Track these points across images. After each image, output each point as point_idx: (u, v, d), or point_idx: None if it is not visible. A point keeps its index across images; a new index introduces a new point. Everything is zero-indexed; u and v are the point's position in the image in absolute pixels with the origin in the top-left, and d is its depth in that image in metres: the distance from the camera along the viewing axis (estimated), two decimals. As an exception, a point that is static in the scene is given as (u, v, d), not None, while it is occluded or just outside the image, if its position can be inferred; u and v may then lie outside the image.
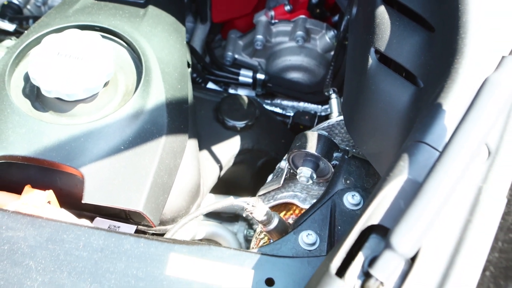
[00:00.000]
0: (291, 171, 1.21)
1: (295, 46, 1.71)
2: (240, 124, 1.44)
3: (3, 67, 1.16)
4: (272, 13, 1.75)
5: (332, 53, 1.69)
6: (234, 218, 1.57)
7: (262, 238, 1.23)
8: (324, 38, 1.69)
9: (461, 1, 0.93)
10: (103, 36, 1.22)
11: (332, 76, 1.55)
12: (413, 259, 0.72)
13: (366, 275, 0.72)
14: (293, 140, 1.20)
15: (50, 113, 1.13)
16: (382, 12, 1.09)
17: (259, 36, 1.70)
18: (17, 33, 1.60)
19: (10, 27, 1.60)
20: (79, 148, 1.07)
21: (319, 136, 1.16)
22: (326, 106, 1.68)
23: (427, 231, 0.69)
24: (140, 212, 1.04)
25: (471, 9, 0.92)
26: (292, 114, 1.68)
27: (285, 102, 1.71)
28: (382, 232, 0.76)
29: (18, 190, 1.10)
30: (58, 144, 1.07)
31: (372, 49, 1.06)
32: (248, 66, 1.73)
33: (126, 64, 1.21)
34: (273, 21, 1.74)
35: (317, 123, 1.62)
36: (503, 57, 0.73)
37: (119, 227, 1.17)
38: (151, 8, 1.33)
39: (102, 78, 1.10)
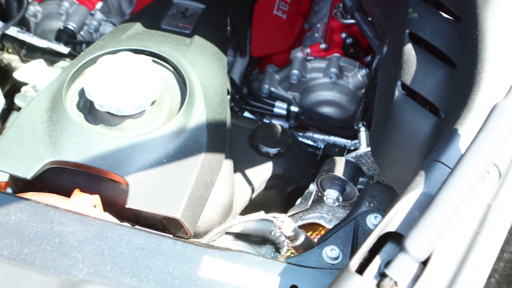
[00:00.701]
0: (319, 194, 1.30)
1: (329, 82, 1.81)
2: (272, 150, 1.54)
3: (61, 83, 1.28)
4: (308, 50, 1.86)
5: (363, 90, 1.78)
6: (262, 242, 1.65)
7: (288, 256, 1.31)
8: (356, 76, 1.79)
9: (480, 40, 1.02)
10: (153, 60, 1.34)
11: (363, 111, 1.64)
12: (424, 263, 0.80)
13: (382, 275, 0.80)
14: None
15: (101, 126, 1.24)
16: (409, 49, 1.18)
17: (295, 71, 1.80)
18: (70, 56, 1.74)
19: (65, 49, 1.74)
20: (126, 159, 1.17)
21: (347, 161, 1.25)
22: (356, 141, 1.77)
23: (438, 237, 0.77)
24: (177, 219, 1.13)
25: (489, 48, 1.01)
26: (322, 146, 1.77)
27: (316, 135, 1.81)
28: (397, 239, 0.84)
29: (66, 195, 1.20)
30: (107, 154, 1.18)
31: (399, 83, 1.14)
32: (283, 99, 1.84)
33: (172, 86, 1.32)
34: (308, 58, 1.85)
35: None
36: (511, 86, 0.82)
37: (156, 235, 1.26)
38: (196, 38, 1.45)
39: (150, 97, 1.21)
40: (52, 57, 1.77)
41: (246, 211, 1.54)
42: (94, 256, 1.01)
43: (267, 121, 1.81)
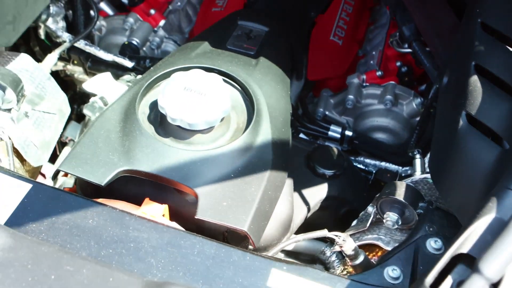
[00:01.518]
0: (377, 216, 1.33)
1: (383, 108, 1.85)
2: (329, 172, 1.57)
3: (134, 95, 1.34)
4: (364, 76, 1.90)
5: (417, 118, 1.82)
6: (311, 261, 1.68)
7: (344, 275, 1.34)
8: (411, 104, 1.83)
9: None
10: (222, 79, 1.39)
11: (417, 139, 1.68)
12: (496, 285, 0.83)
13: (454, 294, 0.83)
14: (381, 189, 1.32)
15: (171, 139, 1.29)
16: (475, 80, 1.21)
17: (351, 97, 1.85)
18: (135, 70, 1.81)
19: (129, 64, 1.82)
20: (195, 171, 1.22)
21: (407, 186, 1.28)
22: (407, 168, 1.80)
23: (510, 260, 0.80)
24: (244, 231, 1.18)
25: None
26: (374, 171, 1.80)
27: (368, 160, 1.84)
28: (468, 261, 0.87)
29: (133, 203, 1.25)
30: (178, 166, 1.23)
31: (464, 112, 1.17)
32: (337, 123, 1.88)
33: (239, 105, 1.37)
34: (364, 84, 1.89)
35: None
36: None
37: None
38: (262, 59, 1.51)
39: (220, 113, 1.26)
40: (116, 70, 1.84)
41: (299, 231, 1.58)
42: (168, 262, 1.05)
43: (322, 143, 1.85)
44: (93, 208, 1.12)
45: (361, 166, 1.82)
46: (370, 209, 1.38)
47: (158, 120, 1.33)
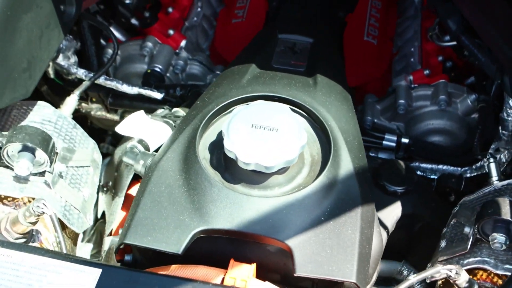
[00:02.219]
0: (476, 236, 1.19)
1: (437, 110, 1.70)
2: (400, 189, 1.42)
3: (189, 139, 1.17)
4: (411, 77, 1.75)
5: (473, 115, 1.68)
6: (385, 282, 1.53)
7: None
8: (466, 102, 1.68)
9: None
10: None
11: (480, 138, 1.54)
12: None
13: None
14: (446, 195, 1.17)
15: (242, 184, 1.13)
16: None
17: (402, 101, 1.69)
18: (165, 102, 1.63)
19: (158, 95, 1.63)
20: (282, 221, 1.06)
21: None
22: (466, 168, 1.66)
23: None
24: (354, 283, 1.02)
25: None
26: (433, 176, 1.66)
27: (423, 165, 1.69)
28: None
29: (210, 263, 1.09)
30: (261, 217, 1.07)
31: None
32: (388, 130, 1.73)
33: (308, 134, 1.21)
34: (413, 86, 1.74)
35: (464, 186, 1.59)
36: None
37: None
38: (320, 77, 1.35)
39: (298, 149, 1.10)
40: (141, 103, 1.66)
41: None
42: None
43: (373, 155, 1.70)
44: (178, 286, 0.95)
45: (418, 172, 1.67)
46: (467, 229, 1.23)
47: (223, 164, 1.16)
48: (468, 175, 1.66)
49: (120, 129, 1.40)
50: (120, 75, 1.82)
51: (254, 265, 1.07)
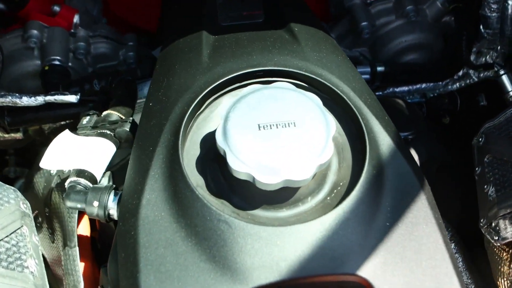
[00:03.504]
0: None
1: (405, 23, 1.42)
2: (410, 134, 1.16)
3: (172, 166, 0.82)
4: (364, -8, 1.45)
5: (445, 19, 1.43)
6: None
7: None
8: (435, 5, 1.41)
9: None
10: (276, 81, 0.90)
11: (467, 41, 1.30)
12: None
13: None
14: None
15: (264, 208, 0.81)
16: None
17: (364, 23, 1.39)
18: (83, 103, 1.23)
19: (72, 98, 1.21)
20: (342, 247, 0.76)
21: None
22: (447, 81, 1.42)
23: None
24: None
25: None
26: (416, 100, 1.42)
27: (398, 89, 1.43)
28: None
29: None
30: (314, 251, 0.76)
31: None
32: (354, 62, 1.43)
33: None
34: (368, 1, 1.44)
35: (460, 105, 1.36)
36: None
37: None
38: (295, 27, 1.02)
39: (331, 144, 0.79)
40: (51, 112, 1.25)
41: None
42: None
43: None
44: None
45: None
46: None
47: (228, 186, 0.83)
48: (450, 87, 1.42)
49: (45, 163, 1.01)
50: (7, 81, 1.36)
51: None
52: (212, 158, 0.85)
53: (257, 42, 0.97)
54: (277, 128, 0.79)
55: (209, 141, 0.86)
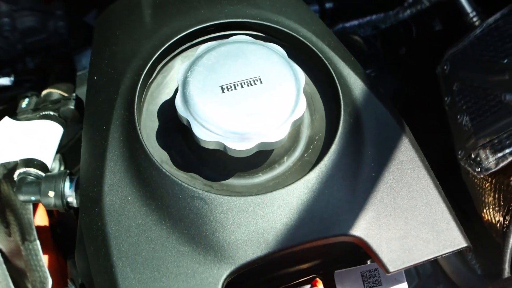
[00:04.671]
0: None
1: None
2: (372, 71, 1.10)
3: (132, 142, 0.74)
4: None
5: None
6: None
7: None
8: None
9: None
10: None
11: None
12: None
13: None
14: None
15: (238, 176, 0.75)
16: None
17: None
18: (19, 84, 1.12)
19: (5, 80, 1.10)
20: (330, 207, 0.71)
21: None
22: (397, 10, 1.36)
23: None
24: (469, 247, 0.72)
25: None
26: (370, 33, 1.36)
27: (349, 24, 1.37)
28: None
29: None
30: (300, 215, 0.70)
31: None
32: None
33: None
34: None
35: (416, 33, 1.30)
36: None
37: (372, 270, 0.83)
38: None
39: (303, 97, 0.72)
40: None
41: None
42: None
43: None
44: None
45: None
46: (509, 96, 0.95)
47: (196, 158, 0.76)
48: (401, 15, 1.37)
49: (-9, 156, 0.92)
50: None
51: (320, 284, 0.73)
52: (174, 129, 0.77)
53: None
54: (242, 87, 0.71)
55: (167, 110, 0.79)
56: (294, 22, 0.84)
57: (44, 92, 1.02)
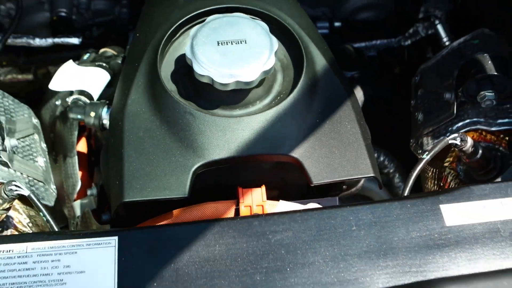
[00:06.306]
0: (460, 99, 1.19)
1: (359, -15, 1.66)
2: (356, 73, 1.39)
3: (152, 75, 1.06)
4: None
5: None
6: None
7: (451, 180, 1.21)
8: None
9: None
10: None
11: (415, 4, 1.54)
12: None
13: None
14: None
15: (222, 108, 1.05)
16: None
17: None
18: (84, 46, 1.48)
19: (76, 40, 1.47)
20: (279, 134, 1.00)
21: (493, 56, 1.14)
22: (399, 37, 1.65)
23: None
24: (374, 177, 0.99)
25: None
26: (371, 54, 1.65)
27: (357, 45, 1.67)
28: None
29: (212, 197, 1.03)
30: (256, 136, 1.00)
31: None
32: (315, 18, 1.67)
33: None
34: (328, -34, 1.69)
35: (407, 55, 1.59)
36: None
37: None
38: None
39: (273, 57, 1.02)
40: (58, 54, 1.50)
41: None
42: (334, 252, 0.86)
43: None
44: (208, 230, 0.88)
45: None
46: (448, 95, 1.22)
47: (194, 92, 1.07)
48: (403, 43, 1.66)
49: (53, 85, 1.25)
50: (21, 29, 1.61)
51: (263, 188, 1.01)
52: (183, 73, 1.09)
53: None
54: (232, 44, 1.02)
55: (181, 60, 1.10)
56: (284, 13, 1.15)
57: (101, 50, 1.37)
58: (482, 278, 0.80)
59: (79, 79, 1.26)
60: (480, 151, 1.07)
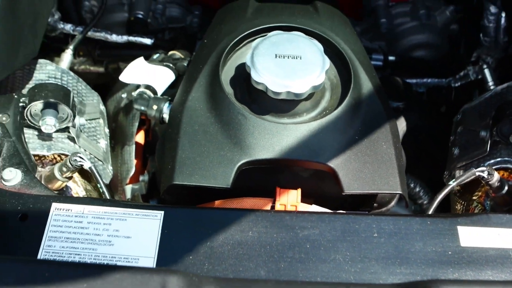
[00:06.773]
0: (494, 139, 1.26)
1: (418, 25, 1.75)
2: (402, 104, 1.48)
3: (213, 77, 1.17)
4: (387, -5, 1.80)
5: (453, 26, 1.75)
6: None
7: (475, 206, 1.28)
8: (445, 13, 1.74)
9: None
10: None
11: (465, 46, 1.61)
12: None
13: None
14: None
15: (272, 114, 1.15)
16: None
17: (383, 20, 1.74)
18: (155, 47, 1.61)
19: (148, 41, 1.61)
20: (320, 144, 1.10)
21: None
22: (450, 79, 1.73)
23: None
24: (400, 194, 1.08)
25: None
26: (421, 90, 1.73)
27: (408, 80, 1.75)
28: None
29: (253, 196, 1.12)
30: (299, 143, 1.10)
31: None
32: (371, 51, 1.77)
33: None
34: (390, 4, 1.78)
35: (454, 96, 1.67)
36: None
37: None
38: (318, 4, 1.36)
39: (324, 74, 1.12)
40: (130, 51, 1.64)
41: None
42: (354, 253, 0.94)
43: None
44: (245, 217, 0.98)
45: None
46: (483, 133, 1.30)
47: (249, 97, 1.17)
48: (453, 84, 1.74)
49: (124, 77, 1.38)
50: (101, 26, 1.77)
51: (299, 190, 1.11)
52: (241, 79, 1.20)
53: (288, 9, 1.33)
54: (288, 58, 1.13)
55: (241, 68, 1.21)
56: (340, 38, 1.26)
57: (170, 52, 1.50)
58: (481, 285, 0.88)
59: (147, 74, 1.39)
60: (506, 187, 1.14)
